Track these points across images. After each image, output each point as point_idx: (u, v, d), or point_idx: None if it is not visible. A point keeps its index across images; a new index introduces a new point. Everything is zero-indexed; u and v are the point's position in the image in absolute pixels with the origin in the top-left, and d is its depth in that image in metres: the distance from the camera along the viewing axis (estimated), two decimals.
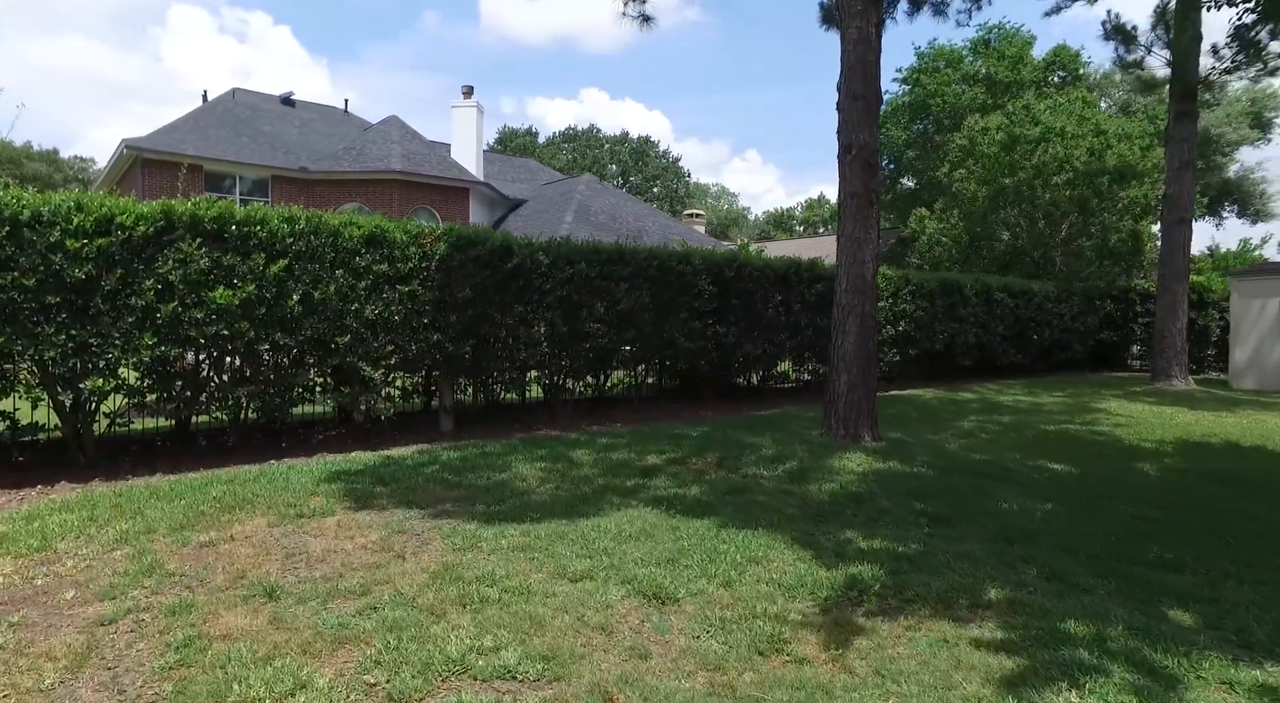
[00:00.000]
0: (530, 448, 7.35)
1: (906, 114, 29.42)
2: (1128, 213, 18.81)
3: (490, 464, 6.53)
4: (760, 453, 6.92)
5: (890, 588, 3.64)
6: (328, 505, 5.12)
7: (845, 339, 7.06)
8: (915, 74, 29.15)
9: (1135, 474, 6.32)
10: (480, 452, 7.13)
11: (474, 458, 6.83)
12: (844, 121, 7.08)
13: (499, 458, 6.81)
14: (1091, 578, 3.76)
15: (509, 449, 7.27)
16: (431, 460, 6.71)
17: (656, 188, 56.90)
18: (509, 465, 6.49)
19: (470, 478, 6.02)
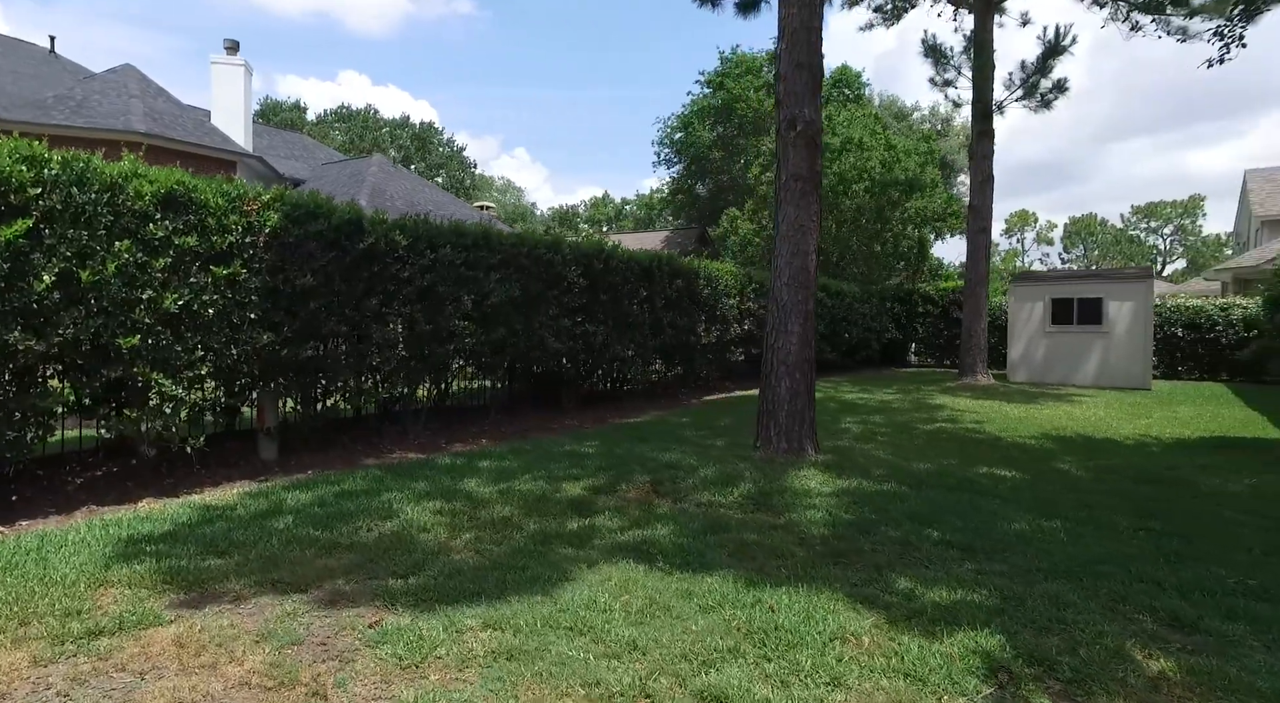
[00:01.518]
0: (400, 479, 5.71)
1: (711, 116, 30.21)
2: (912, 222, 20.68)
3: (362, 508, 4.87)
4: (697, 474, 5.94)
5: (1034, 664, 2.85)
6: (139, 605, 3.28)
7: (787, 340, 6.32)
8: (719, 78, 30.04)
9: (1070, 477, 6.25)
10: (336, 489, 5.38)
11: (333, 500, 5.09)
12: (786, 93, 6.32)
13: (369, 498, 5.14)
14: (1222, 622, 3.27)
15: (373, 483, 5.59)
16: (275, 508, 4.87)
17: (440, 178, 53.59)
18: (391, 509, 4.88)
19: (347, 533, 4.37)
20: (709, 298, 12.08)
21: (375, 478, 5.78)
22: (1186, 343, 18.97)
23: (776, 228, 6.34)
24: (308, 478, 5.84)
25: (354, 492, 5.33)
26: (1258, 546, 4.35)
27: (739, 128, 28.97)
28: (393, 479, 5.75)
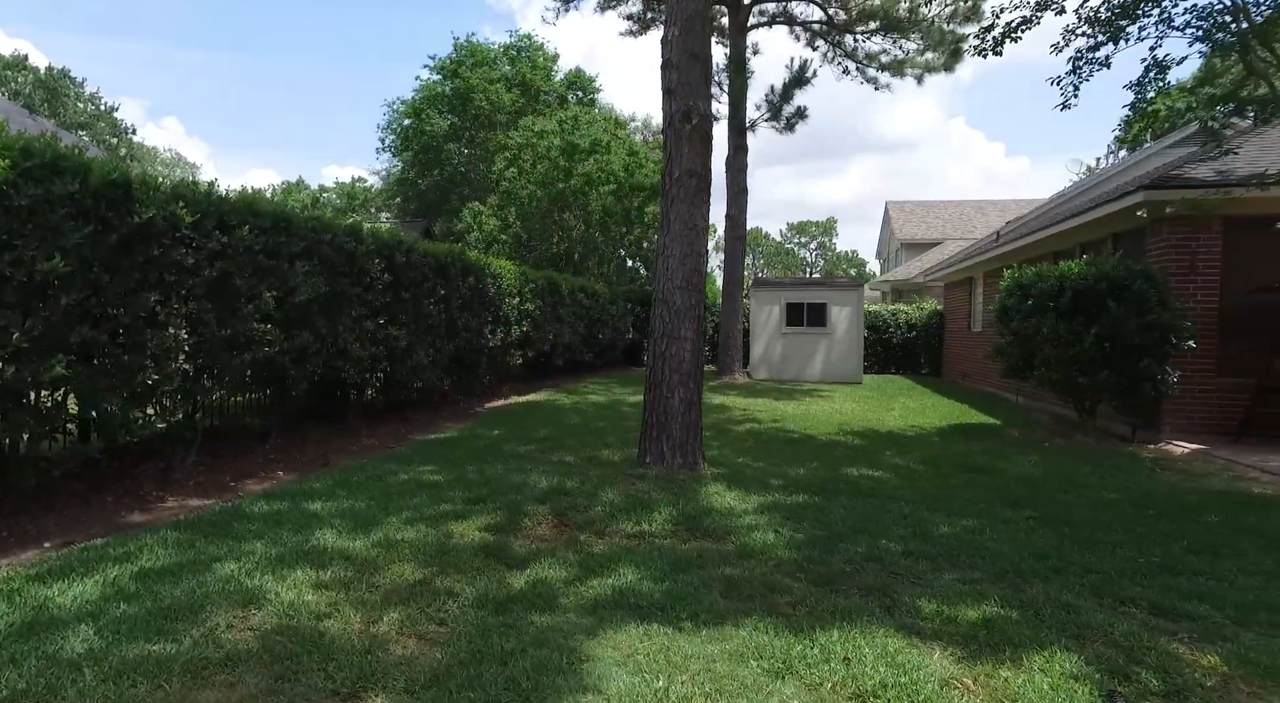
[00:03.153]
0: (219, 542, 4.20)
1: (446, 104, 28.32)
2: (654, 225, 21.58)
3: (197, 595, 3.45)
4: (600, 500, 5.25)
5: (1118, 678, 2.83)
6: None
7: (681, 347, 5.85)
8: (453, 65, 28.28)
9: (917, 472, 6.71)
10: (130, 568, 3.75)
11: (136, 586, 3.53)
12: (679, 83, 5.82)
13: (194, 576, 3.67)
14: (1188, 603, 3.61)
15: (182, 551, 4.02)
16: (39, 620, 3.20)
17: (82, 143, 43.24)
18: (246, 589, 3.52)
19: (205, 640, 3.00)
20: (495, 297, 11.19)
21: (180, 543, 4.15)
22: (869, 342, 22.53)
23: (666, 227, 5.91)
24: (65, 556, 4.00)
25: (163, 570, 3.75)
26: (1120, 523, 5.03)
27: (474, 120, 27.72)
28: (207, 542, 4.19)
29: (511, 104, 26.95)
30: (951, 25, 15.68)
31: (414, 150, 29.61)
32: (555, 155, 19.55)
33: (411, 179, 31.06)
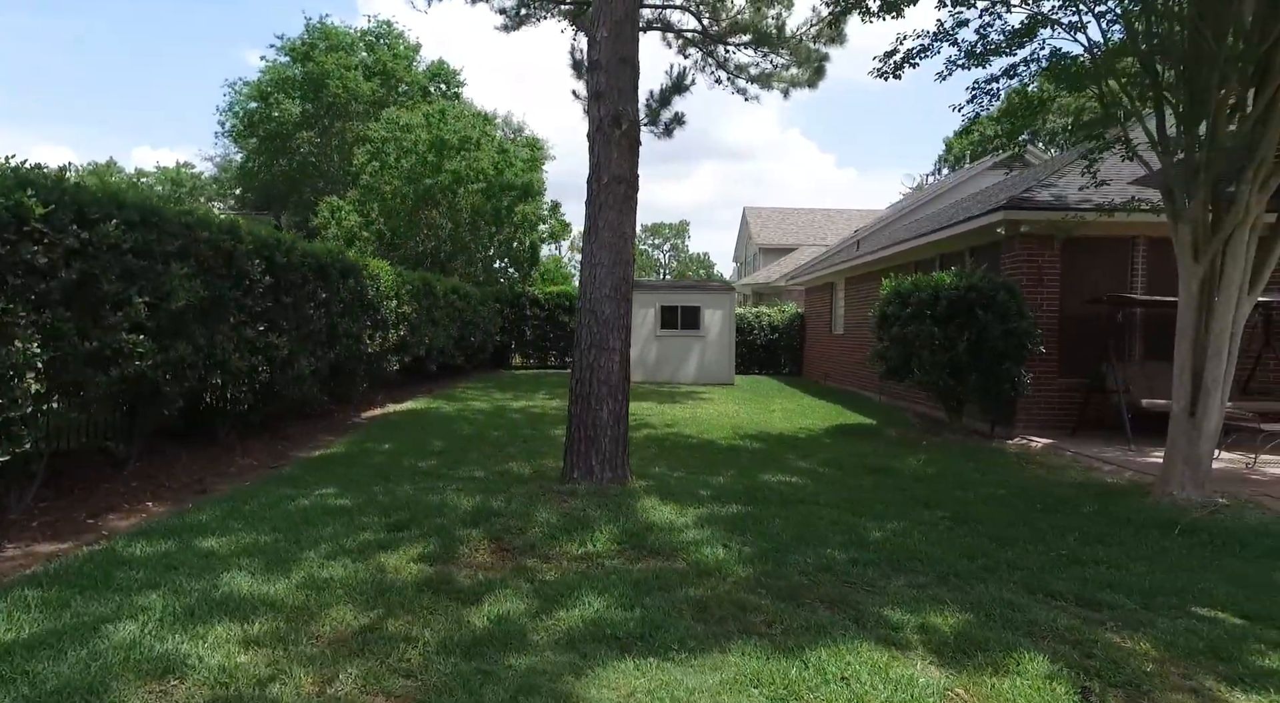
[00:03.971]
0: (99, 596, 3.60)
1: (297, 89, 26.02)
2: (523, 225, 21.11)
3: (99, 666, 2.89)
4: (535, 521, 4.98)
5: (1087, 674, 3.04)
6: None
7: (610, 358, 5.63)
8: (305, 48, 26.05)
9: (827, 476, 6.99)
10: (17, 634, 3.08)
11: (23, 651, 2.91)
12: (609, 88, 5.60)
13: (88, 642, 3.08)
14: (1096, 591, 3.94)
15: (58, 610, 3.37)
16: None
17: None
18: (159, 655, 3.01)
19: None
20: (374, 300, 10.47)
21: (48, 604, 3.48)
22: (736, 343, 23.36)
23: (593, 233, 5.70)
24: None
25: (34, 641, 3.12)
26: (1018, 519, 5.45)
27: (329, 108, 25.78)
28: (86, 600, 3.54)
29: (371, 93, 25.36)
30: (817, 44, 16.51)
31: (259, 137, 27.10)
32: (423, 150, 18.62)
33: (255, 168, 28.44)
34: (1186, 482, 5.81)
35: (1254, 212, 5.66)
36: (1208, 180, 5.72)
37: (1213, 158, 5.65)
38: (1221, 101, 5.67)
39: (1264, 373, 9.41)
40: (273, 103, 26.38)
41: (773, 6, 16.93)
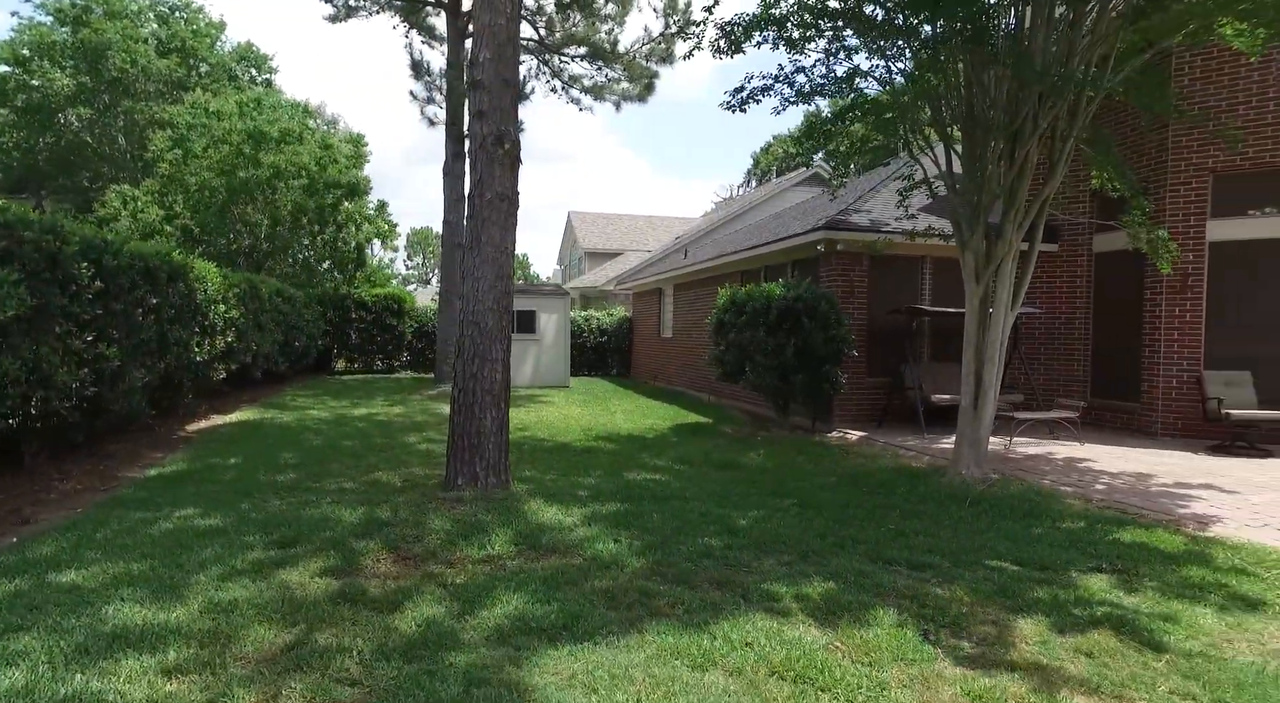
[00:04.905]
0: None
1: (67, 56, 22.43)
2: (348, 224, 20.05)
3: None
4: (427, 529, 5.07)
5: (924, 620, 3.81)
6: None
7: (493, 369, 5.72)
8: (76, 10, 22.56)
9: (686, 473, 7.56)
10: None
11: None
12: (491, 107, 5.66)
13: None
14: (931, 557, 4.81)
15: None
16: None
17: None
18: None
19: None
20: (203, 304, 9.72)
21: None
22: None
23: (475, 248, 5.81)
24: None
25: None
26: (852, 502, 6.36)
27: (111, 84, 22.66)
28: None
29: (168, 72, 22.70)
30: (650, 62, 17.42)
31: (15, 108, 23.24)
32: (237, 141, 17.11)
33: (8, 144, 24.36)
34: (971, 463, 7.08)
35: (1015, 244, 7.04)
36: (984, 218, 7.03)
37: (987, 201, 6.96)
38: (992, 155, 7.00)
39: (1010, 372, 11.44)
40: (34, 70, 22.72)
41: (605, 23, 17.59)
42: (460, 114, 15.33)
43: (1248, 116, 9.63)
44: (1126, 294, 10.85)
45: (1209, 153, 9.83)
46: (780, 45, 7.74)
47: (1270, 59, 9.42)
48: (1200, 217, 10.01)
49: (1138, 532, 5.48)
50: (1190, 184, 10.05)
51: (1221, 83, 9.86)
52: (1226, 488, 7.01)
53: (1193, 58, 9.88)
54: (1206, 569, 4.68)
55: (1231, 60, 9.61)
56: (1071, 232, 11.59)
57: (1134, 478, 7.43)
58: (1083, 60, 6.65)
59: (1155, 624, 3.81)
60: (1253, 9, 6.27)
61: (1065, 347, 11.80)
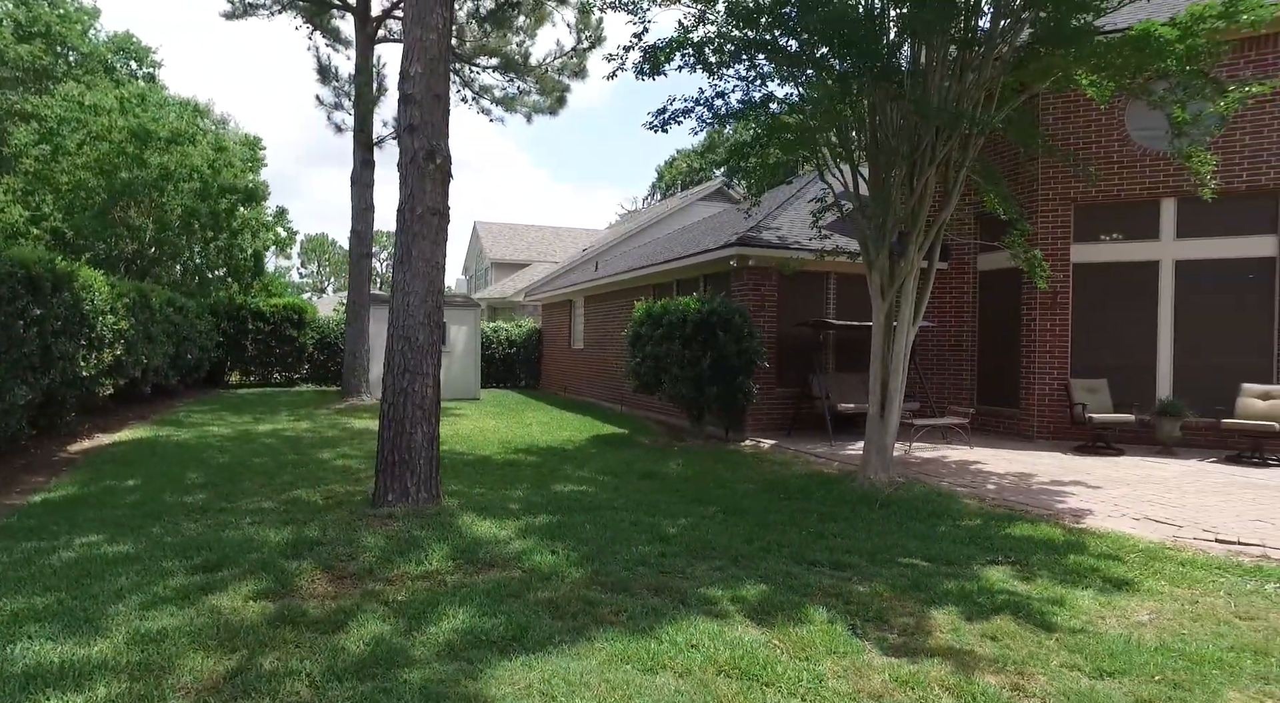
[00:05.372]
0: None
1: None
2: (243, 231, 19.01)
3: None
4: (360, 546, 4.98)
5: (853, 615, 4.10)
6: None
7: (424, 383, 5.63)
8: None
9: (607, 483, 7.65)
10: None
11: None
12: (424, 122, 5.57)
13: None
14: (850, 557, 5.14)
15: None
16: None
17: None
18: None
19: None
20: (91, 315, 9.09)
21: None
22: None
23: (405, 263, 5.73)
24: None
25: None
26: (772, 507, 6.68)
27: None
28: None
29: (30, 59, 20.78)
30: (562, 76, 17.56)
31: None
32: (119, 139, 15.91)
33: None
34: (879, 468, 7.58)
35: (917, 264, 7.63)
36: (889, 240, 7.58)
37: (892, 224, 7.52)
38: (896, 181, 7.56)
39: (908, 382, 12.24)
40: None
41: (517, 34, 17.62)
42: (370, 122, 14.95)
43: (1099, 154, 10.78)
44: (1006, 310, 11.85)
45: (1071, 185, 10.92)
46: (699, 68, 8.08)
47: (1115, 107, 10.58)
48: (1065, 241, 11.09)
49: (1026, 527, 6.06)
50: (1057, 211, 11.12)
51: (1078, 123, 11.00)
52: (1092, 484, 7.81)
53: (1056, 101, 10.97)
54: (1083, 556, 5.25)
55: (1085, 105, 10.73)
56: (959, 251, 12.55)
57: (1018, 478, 8.15)
58: (971, 100, 7.31)
59: (1046, 608, 4.26)
60: (1102, 65, 7.15)
61: (954, 358, 12.74)
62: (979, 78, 7.28)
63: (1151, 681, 3.38)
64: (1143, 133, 10.53)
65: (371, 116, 14.87)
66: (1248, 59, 10.04)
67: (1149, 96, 7.86)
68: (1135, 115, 10.58)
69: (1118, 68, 7.20)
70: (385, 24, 15.62)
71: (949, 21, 6.69)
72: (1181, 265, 10.53)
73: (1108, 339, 10.97)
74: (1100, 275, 11.02)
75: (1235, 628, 4.02)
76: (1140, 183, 10.65)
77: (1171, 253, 10.58)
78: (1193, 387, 10.29)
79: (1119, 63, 7.07)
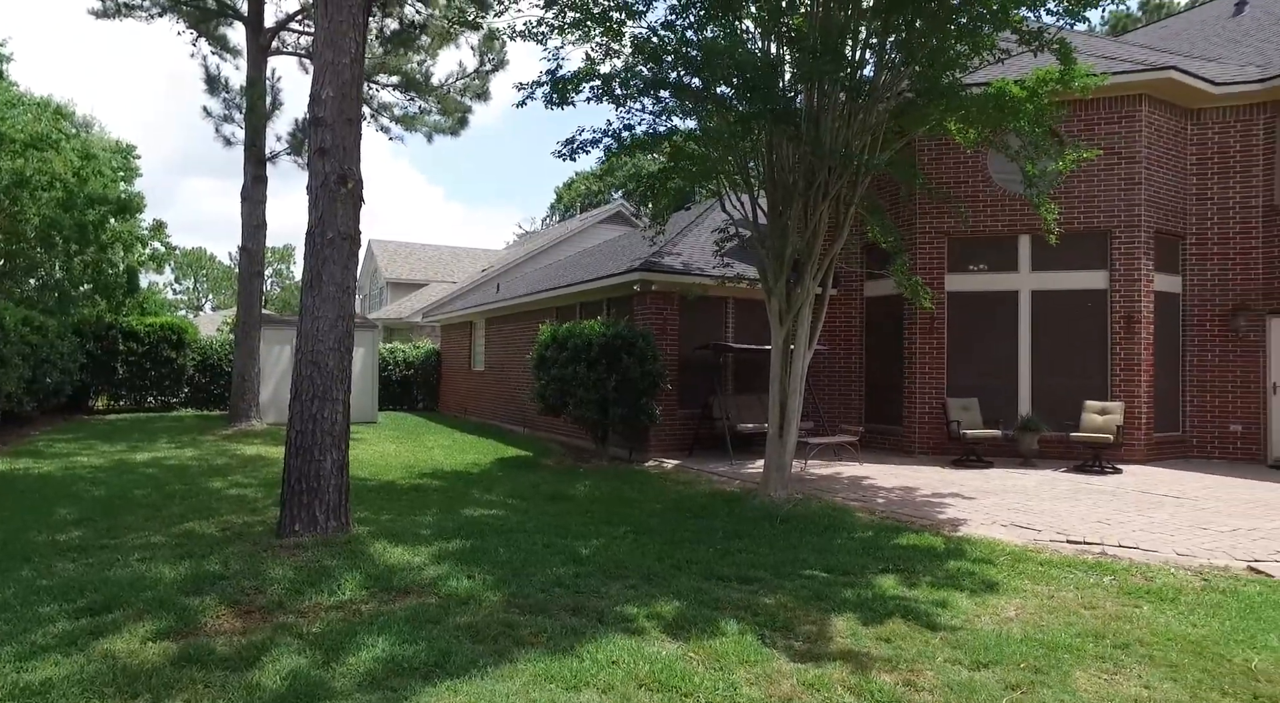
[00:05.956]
0: None
1: None
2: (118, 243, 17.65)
3: None
4: (266, 579, 4.80)
5: (760, 626, 4.36)
6: None
7: (334, 409, 5.45)
8: None
9: (520, 506, 7.65)
10: None
11: None
12: (335, 146, 5.42)
13: None
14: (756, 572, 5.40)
15: None
16: None
17: None
18: None
19: None
20: None
21: None
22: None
23: (315, 286, 5.57)
24: None
25: None
26: (680, 526, 6.91)
27: None
28: None
29: None
30: (465, 97, 17.51)
31: None
32: None
33: None
34: (778, 485, 7.99)
35: (812, 292, 8.15)
36: (787, 269, 8.07)
37: (790, 255, 8.02)
38: (793, 215, 8.08)
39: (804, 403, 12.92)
40: None
41: (419, 53, 17.45)
42: (263, 136, 14.35)
43: (967, 194, 11.87)
44: (890, 334, 12.74)
45: (945, 220, 11.94)
46: (605, 100, 8.36)
47: (980, 153, 11.68)
48: (941, 271, 12.08)
49: (912, 536, 6.57)
50: (933, 244, 12.11)
51: (950, 165, 12.07)
52: (967, 495, 8.53)
53: (932, 144, 11.98)
54: (961, 562, 5.77)
55: (956, 149, 11.78)
56: (848, 279, 13.39)
57: (904, 491, 8.78)
58: (859, 142, 7.94)
59: (931, 610, 4.68)
60: (968, 116, 8.00)
61: (845, 379, 13.54)
62: (866, 121, 7.92)
63: (1018, 668, 3.80)
64: (1002, 176, 11.66)
65: (265, 131, 14.30)
66: (1080, 117, 11.37)
67: (1006, 150, 8.80)
68: (997, 160, 11.70)
69: (981, 120, 8.04)
70: (280, 36, 15.11)
71: (838, 71, 7.27)
72: (1037, 295, 11.69)
73: (978, 361, 11.99)
74: (971, 303, 12.05)
75: (1081, 617, 4.56)
76: (1002, 221, 11.78)
77: (1029, 284, 11.74)
78: (1048, 404, 11.41)
79: (982, 116, 7.90)
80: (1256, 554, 5.85)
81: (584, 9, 8.04)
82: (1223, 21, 15.41)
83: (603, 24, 8.10)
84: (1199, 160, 11.78)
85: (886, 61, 7.88)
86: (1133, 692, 3.57)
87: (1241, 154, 11.57)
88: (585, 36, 8.17)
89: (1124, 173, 11.23)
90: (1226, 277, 11.62)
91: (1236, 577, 5.37)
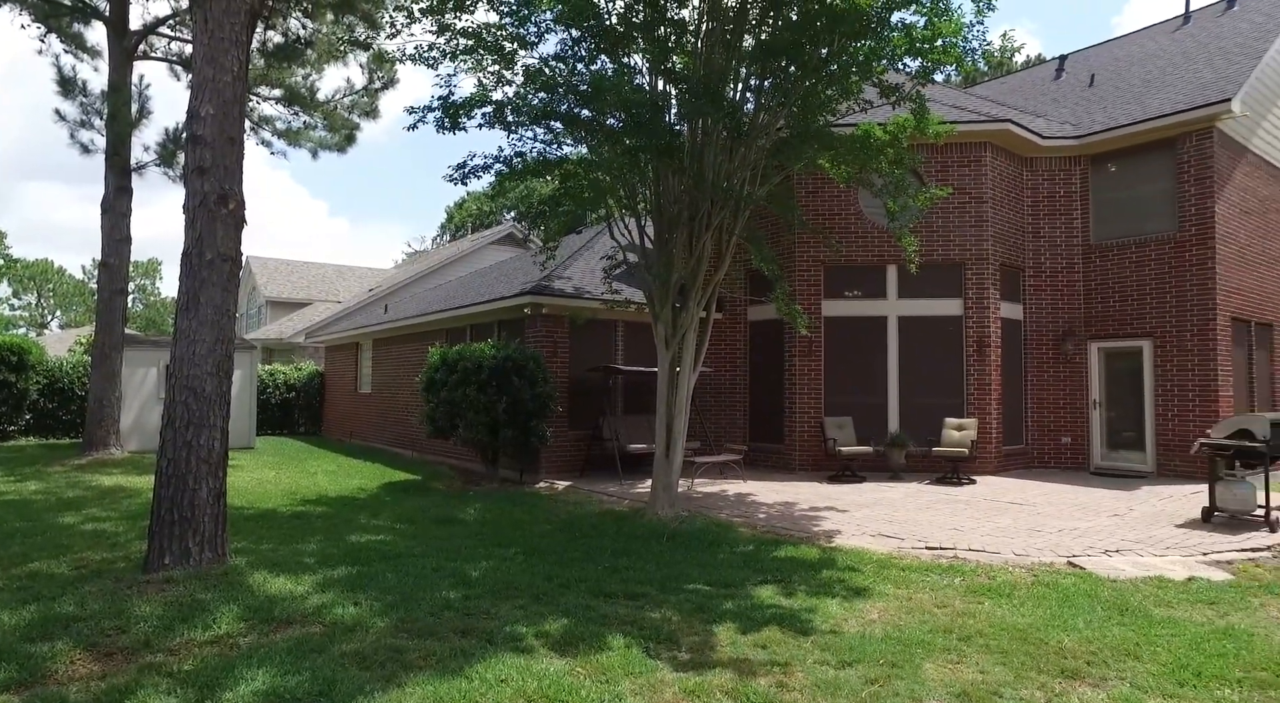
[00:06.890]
0: None
1: None
2: None
3: None
4: (134, 616, 4.53)
5: (645, 639, 4.55)
6: None
7: (211, 436, 5.14)
8: None
9: (414, 534, 7.51)
10: None
11: None
12: (215, 165, 5.16)
13: None
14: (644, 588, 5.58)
15: None
16: None
17: None
18: None
19: None
20: None
21: None
22: None
23: (191, 309, 5.29)
24: None
25: None
26: (570, 546, 7.03)
27: None
28: None
29: None
30: (352, 114, 17.09)
31: None
32: None
33: None
34: (665, 503, 8.27)
35: (697, 317, 8.54)
36: (673, 295, 8.43)
37: (675, 281, 8.38)
38: (678, 243, 8.46)
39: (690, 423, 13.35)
40: None
41: (304, 67, 16.92)
42: (127, 145, 13.43)
43: (840, 225, 12.76)
44: (772, 356, 13.40)
45: (821, 249, 12.75)
46: (498, 126, 8.49)
47: (851, 188, 12.58)
48: (817, 297, 12.87)
49: (790, 549, 6.98)
50: (810, 271, 12.90)
51: (825, 198, 12.94)
52: (841, 507, 9.12)
53: (808, 178, 12.81)
54: (833, 571, 6.20)
55: (830, 183, 12.64)
56: (733, 304, 14.00)
57: (783, 506, 9.27)
58: (740, 176, 8.44)
59: (804, 616, 5.03)
60: (838, 156, 8.71)
61: (729, 399, 14.08)
62: (747, 156, 8.44)
63: (878, 664, 4.18)
64: (872, 210, 12.61)
65: (129, 140, 13.40)
66: (936, 160, 12.54)
67: (872, 187, 9.59)
68: (866, 196, 12.66)
69: (849, 158, 8.75)
70: (148, 40, 14.26)
71: (718, 112, 7.74)
72: (903, 321, 12.67)
73: (852, 382, 12.82)
74: (845, 327, 12.89)
75: (934, 615, 5.05)
76: (872, 251, 12.72)
77: (896, 310, 12.71)
78: (915, 421, 12.34)
79: (850, 155, 8.60)
80: (1075, 551, 6.64)
81: (477, 37, 8.17)
82: (1047, 83, 17.45)
83: (496, 53, 8.25)
84: (1033, 202, 13.22)
85: (765, 102, 8.44)
86: (971, 677, 4.01)
87: (1064, 198, 13.11)
88: (478, 64, 8.30)
89: (974, 211, 12.43)
90: (1057, 306, 13.06)
91: (1059, 571, 6.09)
